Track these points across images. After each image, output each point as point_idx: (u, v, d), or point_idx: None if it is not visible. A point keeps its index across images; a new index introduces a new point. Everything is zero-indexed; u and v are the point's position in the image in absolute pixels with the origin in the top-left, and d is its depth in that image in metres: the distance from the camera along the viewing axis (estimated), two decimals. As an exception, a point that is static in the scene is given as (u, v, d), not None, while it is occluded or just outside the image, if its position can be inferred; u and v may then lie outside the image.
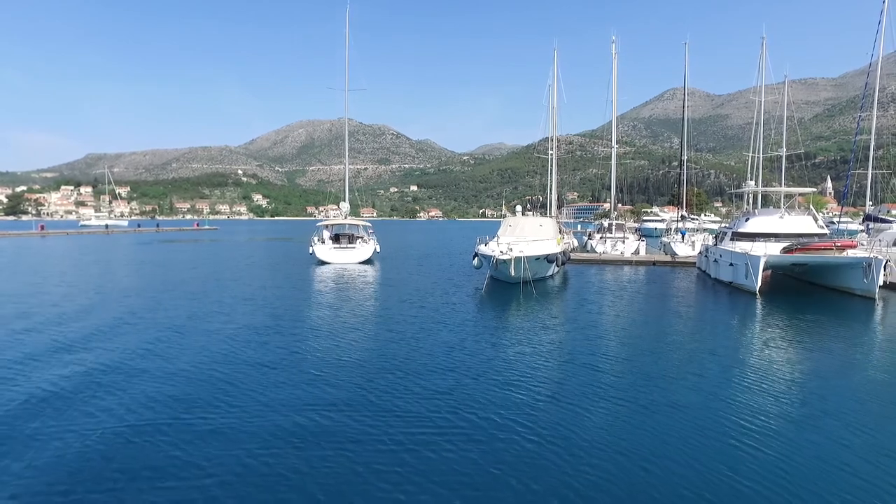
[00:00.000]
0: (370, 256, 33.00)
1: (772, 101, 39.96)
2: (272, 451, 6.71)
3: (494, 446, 6.87)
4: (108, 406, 8.17)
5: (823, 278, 22.05)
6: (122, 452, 6.64)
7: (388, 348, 11.93)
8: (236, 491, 5.79)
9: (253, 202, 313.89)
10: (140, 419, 7.68)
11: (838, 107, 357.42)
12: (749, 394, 8.89)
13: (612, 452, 6.69)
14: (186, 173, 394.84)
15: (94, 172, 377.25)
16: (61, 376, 9.60)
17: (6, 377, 9.56)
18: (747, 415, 7.93)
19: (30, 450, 6.69)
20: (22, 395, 8.62)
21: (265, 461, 6.44)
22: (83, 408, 8.09)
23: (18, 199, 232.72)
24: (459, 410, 8.12)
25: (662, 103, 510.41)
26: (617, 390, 9.08)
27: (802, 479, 6.07)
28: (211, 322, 14.62)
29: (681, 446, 6.87)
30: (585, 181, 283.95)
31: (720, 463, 6.42)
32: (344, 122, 40.44)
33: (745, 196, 35.02)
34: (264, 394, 8.80)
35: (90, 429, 7.32)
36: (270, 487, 5.87)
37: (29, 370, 10.01)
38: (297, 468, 6.29)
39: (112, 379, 9.48)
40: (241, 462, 6.42)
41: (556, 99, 41.16)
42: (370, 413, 7.99)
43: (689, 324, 15.45)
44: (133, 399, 8.50)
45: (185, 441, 6.96)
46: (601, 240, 39.41)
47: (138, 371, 9.96)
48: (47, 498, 5.66)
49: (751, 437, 7.13)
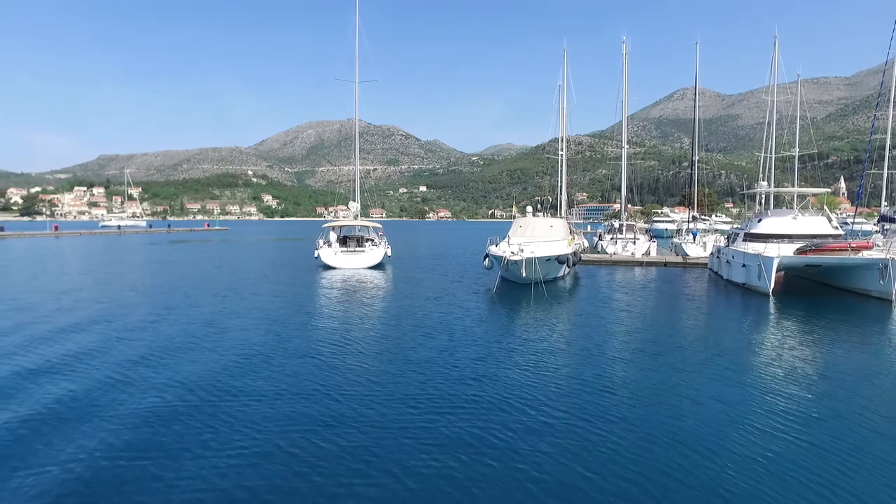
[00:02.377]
0: (381, 261, 30.49)
1: (784, 101, 39.54)
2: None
3: (508, 448, 6.88)
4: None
5: (838, 280, 21.80)
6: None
7: (398, 350, 11.96)
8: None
9: (263, 203, 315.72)
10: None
11: (852, 106, 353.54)
12: (762, 397, 8.82)
13: (624, 454, 6.67)
14: (197, 174, 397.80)
15: (107, 173, 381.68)
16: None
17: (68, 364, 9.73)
18: (761, 418, 7.87)
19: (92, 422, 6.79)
20: (82, 381, 8.76)
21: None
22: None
23: (33, 199, 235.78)
24: (470, 414, 8.13)
25: (672, 103, 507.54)
26: (629, 392, 9.04)
27: (814, 483, 6.02)
28: (199, 343, 12.20)
29: (694, 448, 6.82)
30: (595, 182, 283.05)
31: (732, 465, 6.38)
32: (354, 121, 37.72)
33: (758, 196, 34.71)
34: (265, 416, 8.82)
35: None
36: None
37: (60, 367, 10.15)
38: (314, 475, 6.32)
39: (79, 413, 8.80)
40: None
41: (565, 99, 41.10)
42: (381, 416, 8.02)
43: (701, 325, 15.34)
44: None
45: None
46: (612, 241, 39.22)
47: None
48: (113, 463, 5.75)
49: (764, 441, 7.08)
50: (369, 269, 28.71)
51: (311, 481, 6.03)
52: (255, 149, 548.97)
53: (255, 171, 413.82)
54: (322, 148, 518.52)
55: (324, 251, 29.86)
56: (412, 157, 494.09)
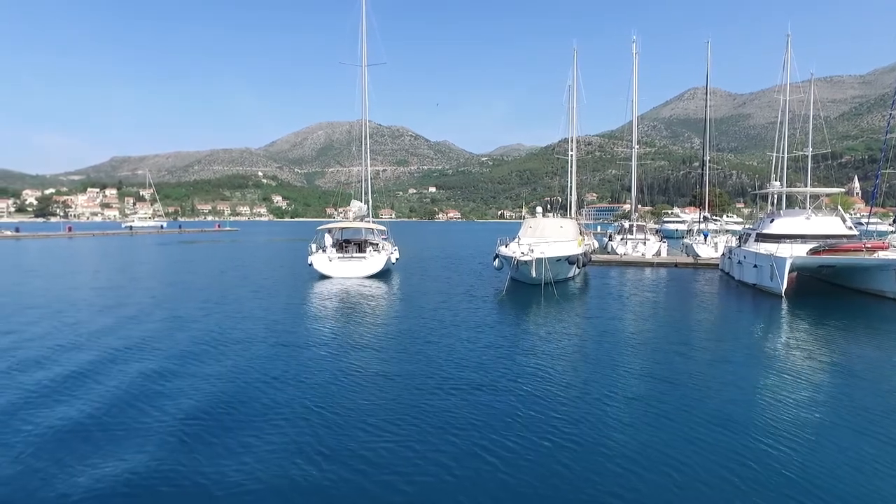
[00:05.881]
0: (383, 268, 26.43)
1: (797, 100, 39.15)
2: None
3: (516, 450, 6.89)
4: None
5: (853, 281, 21.55)
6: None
7: (407, 352, 11.97)
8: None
9: (273, 203, 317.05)
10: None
11: (866, 105, 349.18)
12: (775, 400, 8.73)
13: (635, 456, 6.64)
14: (208, 175, 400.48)
15: (119, 175, 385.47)
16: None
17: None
18: (773, 422, 7.80)
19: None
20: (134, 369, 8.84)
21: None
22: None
23: (47, 201, 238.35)
24: (479, 416, 8.13)
25: (683, 103, 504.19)
26: (640, 394, 9.00)
27: (826, 489, 5.95)
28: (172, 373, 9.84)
29: (705, 451, 6.78)
30: (605, 182, 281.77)
31: (744, 468, 6.33)
32: (363, 109, 33.12)
33: (770, 196, 34.38)
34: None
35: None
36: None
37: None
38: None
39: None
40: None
41: (575, 100, 40.99)
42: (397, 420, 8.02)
43: (712, 326, 15.24)
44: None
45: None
46: (622, 241, 39.04)
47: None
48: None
49: (777, 445, 7.01)
50: (370, 279, 24.95)
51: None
52: (265, 150, 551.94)
53: (266, 173, 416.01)
54: (332, 149, 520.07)
55: (317, 258, 25.75)
56: (421, 157, 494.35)
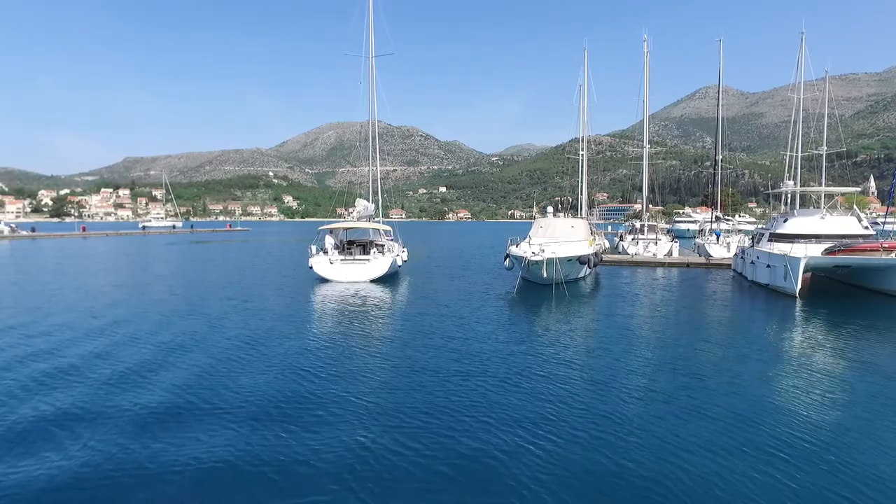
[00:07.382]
0: (388, 270, 24.68)
1: (811, 98, 38.65)
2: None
3: (525, 449, 6.88)
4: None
5: (869, 281, 21.27)
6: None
7: (416, 352, 11.98)
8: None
9: (283, 203, 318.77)
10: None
11: (882, 103, 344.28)
12: (789, 402, 8.64)
13: (647, 455, 6.61)
14: (219, 175, 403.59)
15: (132, 175, 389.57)
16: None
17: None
18: (787, 424, 7.72)
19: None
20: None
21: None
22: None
23: (62, 201, 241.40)
24: (490, 417, 8.12)
25: (694, 102, 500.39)
26: (652, 395, 8.94)
27: (838, 493, 5.88)
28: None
29: (716, 452, 6.73)
30: (615, 182, 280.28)
31: (755, 470, 6.27)
32: (370, 103, 31.21)
33: (783, 196, 34.03)
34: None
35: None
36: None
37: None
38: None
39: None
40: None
41: (586, 99, 40.87)
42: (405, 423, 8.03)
43: (725, 327, 15.11)
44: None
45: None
46: (633, 241, 38.84)
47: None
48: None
49: (789, 448, 6.95)
50: (374, 283, 23.54)
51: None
52: (276, 150, 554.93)
53: (276, 173, 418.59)
54: (342, 149, 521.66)
55: (317, 260, 24.49)
56: (431, 157, 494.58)
